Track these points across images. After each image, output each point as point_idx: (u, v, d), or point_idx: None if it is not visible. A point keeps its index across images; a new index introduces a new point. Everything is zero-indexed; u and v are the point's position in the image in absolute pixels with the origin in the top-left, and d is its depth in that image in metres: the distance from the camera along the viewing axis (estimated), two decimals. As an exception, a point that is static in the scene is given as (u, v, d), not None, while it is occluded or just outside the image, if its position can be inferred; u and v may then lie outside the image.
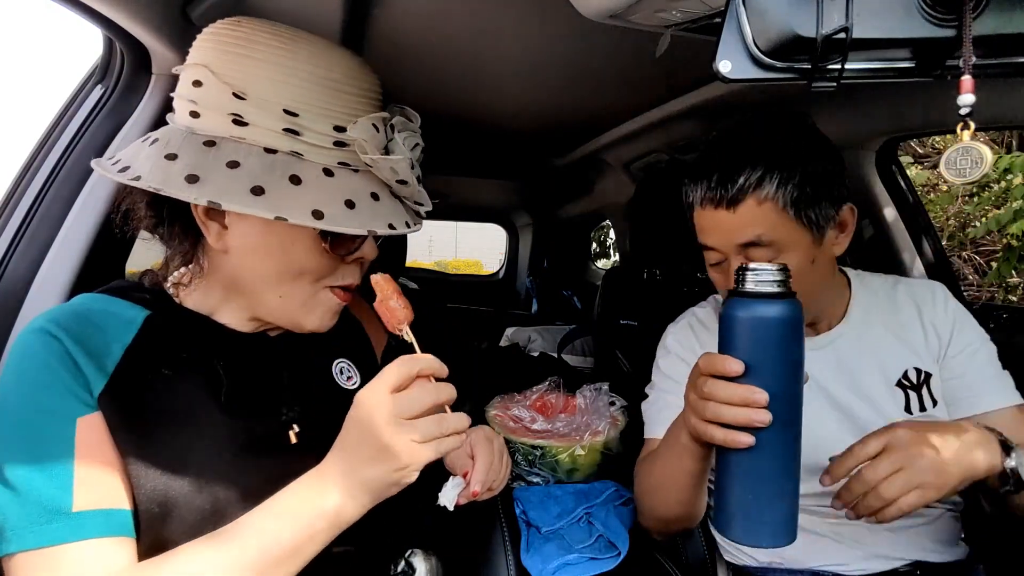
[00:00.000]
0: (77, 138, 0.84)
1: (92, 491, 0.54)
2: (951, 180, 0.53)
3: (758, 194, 0.78)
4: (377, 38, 1.07)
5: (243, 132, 0.57)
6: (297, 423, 0.68)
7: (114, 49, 0.86)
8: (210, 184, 0.55)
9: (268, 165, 0.57)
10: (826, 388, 0.91)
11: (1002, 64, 0.53)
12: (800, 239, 0.81)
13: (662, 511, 0.89)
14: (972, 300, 2.95)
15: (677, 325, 1.05)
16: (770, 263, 0.63)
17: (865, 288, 0.97)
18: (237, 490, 0.61)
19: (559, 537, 0.99)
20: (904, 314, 0.94)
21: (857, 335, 0.94)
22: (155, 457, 0.58)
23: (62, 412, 0.55)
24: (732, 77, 0.54)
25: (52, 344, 0.56)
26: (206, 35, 0.60)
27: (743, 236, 0.80)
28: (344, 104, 0.60)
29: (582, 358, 1.96)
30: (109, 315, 0.61)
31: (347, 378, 0.78)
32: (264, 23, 0.60)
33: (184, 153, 0.57)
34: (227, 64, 0.57)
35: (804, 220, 0.80)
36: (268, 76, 0.57)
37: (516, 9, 0.95)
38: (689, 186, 0.86)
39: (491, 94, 1.41)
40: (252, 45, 0.58)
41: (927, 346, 0.92)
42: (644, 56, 1.05)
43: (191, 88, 0.59)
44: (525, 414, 1.24)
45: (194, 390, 0.62)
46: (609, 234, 4.08)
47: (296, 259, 0.62)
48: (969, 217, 3.63)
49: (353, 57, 0.62)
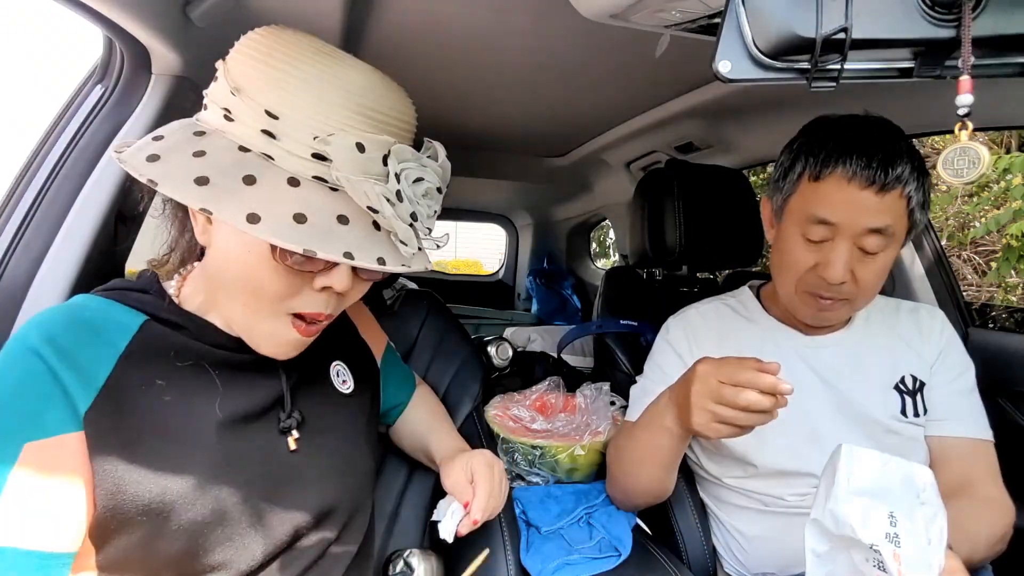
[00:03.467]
0: (77, 138, 0.83)
1: (19, 526, 0.51)
2: (948, 180, 0.53)
3: (904, 188, 0.80)
4: (377, 38, 1.07)
5: (228, 127, 0.57)
6: (296, 429, 0.68)
7: (114, 49, 0.85)
8: (162, 165, 0.53)
9: (233, 162, 0.54)
10: (827, 383, 0.93)
11: (1002, 64, 0.53)
12: (902, 238, 0.85)
13: (634, 487, 0.96)
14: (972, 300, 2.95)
15: (677, 318, 1.07)
16: None
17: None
18: (235, 499, 0.61)
19: (559, 537, 0.99)
20: (904, 326, 0.98)
21: (860, 338, 0.97)
22: (149, 467, 0.57)
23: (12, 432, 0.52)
24: (732, 77, 0.54)
25: (32, 363, 0.54)
26: (248, 35, 0.60)
27: (878, 221, 0.81)
28: (336, 118, 0.55)
29: (582, 358, 1.96)
30: (106, 319, 0.60)
31: (342, 381, 0.77)
32: (299, 36, 0.58)
33: (170, 136, 0.57)
34: (237, 62, 0.57)
35: (912, 223, 0.84)
36: (262, 76, 0.56)
37: (516, 9, 0.95)
38: (830, 156, 0.82)
39: (491, 94, 1.41)
40: (269, 50, 0.57)
41: (922, 357, 0.95)
42: (644, 56, 1.05)
43: (213, 82, 0.59)
44: (525, 414, 1.24)
45: (189, 398, 0.61)
46: (609, 234, 4.08)
47: (252, 270, 0.58)
48: (969, 217, 3.63)
49: (371, 74, 0.58)
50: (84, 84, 0.89)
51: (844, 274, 0.83)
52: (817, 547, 0.65)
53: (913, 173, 0.80)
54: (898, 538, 0.59)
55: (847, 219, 0.82)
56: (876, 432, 0.91)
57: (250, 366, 0.66)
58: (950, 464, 0.90)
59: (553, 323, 2.74)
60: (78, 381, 0.55)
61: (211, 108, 0.58)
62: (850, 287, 0.85)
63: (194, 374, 0.62)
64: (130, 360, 0.58)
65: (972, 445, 0.91)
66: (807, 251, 0.86)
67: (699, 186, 1.34)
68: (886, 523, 0.60)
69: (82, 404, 0.55)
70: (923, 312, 1.00)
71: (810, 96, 1.22)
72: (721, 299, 1.08)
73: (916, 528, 0.60)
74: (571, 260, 3.05)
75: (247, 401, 0.64)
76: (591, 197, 2.47)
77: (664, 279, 1.54)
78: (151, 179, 0.52)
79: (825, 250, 0.84)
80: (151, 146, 0.56)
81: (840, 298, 0.87)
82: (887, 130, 0.84)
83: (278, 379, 0.68)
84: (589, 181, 2.28)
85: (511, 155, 2.10)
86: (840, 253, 0.83)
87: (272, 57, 0.56)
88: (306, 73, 0.55)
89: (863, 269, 0.84)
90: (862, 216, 0.81)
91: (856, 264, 0.84)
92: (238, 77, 0.56)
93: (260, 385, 0.66)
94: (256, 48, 0.57)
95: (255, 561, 0.62)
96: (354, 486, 0.73)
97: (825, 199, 0.83)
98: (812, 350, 0.96)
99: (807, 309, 0.91)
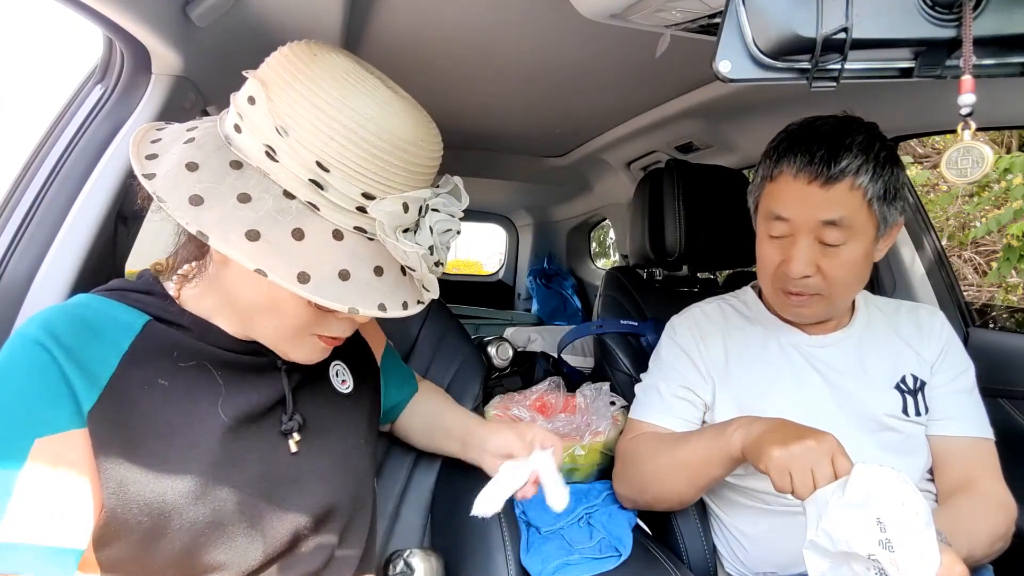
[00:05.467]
0: (77, 138, 0.83)
1: (30, 521, 0.51)
2: (952, 180, 0.53)
3: (854, 180, 0.83)
4: (377, 38, 1.07)
5: (271, 167, 0.55)
6: (298, 431, 0.68)
7: (114, 49, 0.85)
8: (208, 213, 0.52)
9: (280, 209, 0.54)
10: (829, 382, 0.94)
11: (1003, 64, 0.53)
12: (869, 231, 0.86)
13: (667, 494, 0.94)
14: (972, 300, 2.95)
15: (682, 316, 1.08)
16: None
17: (870, 302, 1.03)
18: (235, 500, 0.61)
19: (559, 537, 0.99)
20: (904, 327, 0.99)
21: (862, 338, 0.98)
22: (151, 467, 0.57)
23: (22, 428, 0.52)
24: (732, 77, 0.54)
25: (40, 356, 0.54)
26: (284, 51, 0.57)
27: (828, 214, 0.84)
28: (384, 173, 0.55)
29: (582, 358, 1.96)
30: (108, 319, 0.59)
31: (341, 381, 0.77)
32: (341, 59, 0.56)
33: (206, 167, 0.54)
34: (283, 93, 0.54)
35: (878, 215, 0.86)
36: (313, 123, 0.53)
37: (516, 9, 0.95)
38: (780, 156, 0.88)
39: (491, 94, 1.41)
40: (314, 84, 0.54)
41: (922, 357, 0.96)
42: (644, 56, 1.05)
43: (244, 101, 0.56)
44: (525, 414, 1.24)
45: (191, 398, 0.61)
46: (609, 234, 4.08)
47: (281, 305, 0.60)
48: (969, 217, 3.62)
49: (420, 126, 0.58)
50: (84, 84, 0.89)
51: (805, 268, 0.86)
52: (818, 567, 0.67)
53: (866, 165, 0.83)
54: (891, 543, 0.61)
55: (799, 214, 0.86)
56: (877, 430, 0.91)
57: (252, 368, 0.66)
58: (952, 463, 0.91)
59: (553, 323, 2.74)
60: (82, 379, 0.55)
61: (247, 137, 0.56)
62: (817, 281, 0.88)
63: (197, 374, 0.62)
64: (133, 360, 0.58)
65: (973, 444, 0.92)
66: (773, 248, 0.91)
67: (699, 186, 1.34)
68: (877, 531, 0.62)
69: (86, 402, 0.55)
70: (923, 312, 1.01)
71: (810, 96, 1.22)
72: (723, 299, 1.09)
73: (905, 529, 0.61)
74: (571, 260, 3.05)
75: (249, 402, 0.64)
76: (591, 197, 2.47)
77: (664, 279, 1.54)
78: (201, 231, 0.51)
79: (787, 246, 0.89)
80: (187, 178, 0.53)
81: (810, 293, 0.89)
82: (843, 127, 0.86)
83: (280, 381, 0.68)
84: (589, 181, 2.28)
85: (511, 155, 2.10)
86: (799, 248, 0.86)
87: (318, 96, 0.53)
88: (359, 125, 0.54)
89: (828, 263, 0.86)
90: (812, 210, 0.85)
91: (820, 258, 0.87)
92: (285, 115, 0.54)
93: (262, 386, 0.66)
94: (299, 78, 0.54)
95: (255, 561, 0.62)
96: (354, 485, 0.73)
97: (779, 196, 0.88)
98: (814, 349, 0.97)
99: (783, 305, 0.95)
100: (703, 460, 0.86)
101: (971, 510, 0.85)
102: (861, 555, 0.61)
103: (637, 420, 1.01)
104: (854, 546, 0.61)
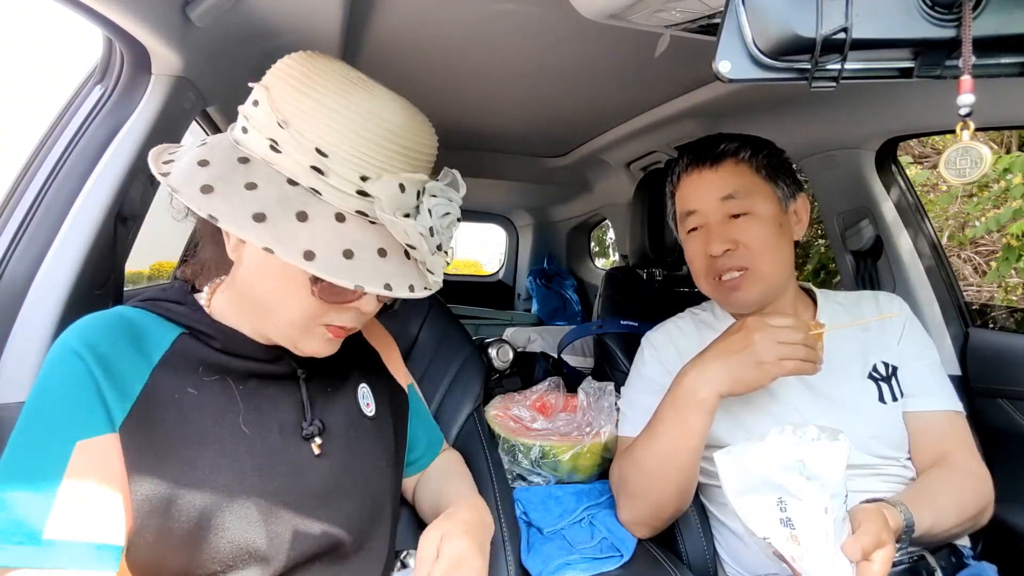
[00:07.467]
0: (76, 138, 0.83)
1: (74, 519, 0.53)
2: (950, 180, 0.53)
3: (736, 157, 0.97)
4: (376, 38, 1.07)
5: (275, 158, 0.58)
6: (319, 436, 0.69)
7: (114, 49, 0.85)
8: (219, 199, 0.55)
9: (284, 195, 0.57)
10: (804, 380, 0.95)
11: (1002, 64, 0.53)
12: (769, 201, 0.96)
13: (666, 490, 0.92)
14: (972, 300, 2.95)
15: (658, 332, 1.12)
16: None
17: (830, 299, 1.06)
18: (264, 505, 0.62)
19: (560, 537, 0.99)
20: (867, 315, 1.02)
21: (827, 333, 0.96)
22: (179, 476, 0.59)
23: (65, 431, 0.55)
24: (732, 77, 0.54)
25: (76, 364, 0.57)
26: (285, 60, 0.62)
27: (724, 190, 0.96)
28: (379, 157, 0.59)
29: (582, 358, 1.96)
30: (142, 331, 0.62)
31: (366, 404, 0.78)
32: (338, 64, 0.62)
33: (216, 163, 0.58)
34: (284, 92, 0.59)
35: (772, 184, 0.97)
36: (311, 112, 0.58)
37: (516, 9, 0.95)
38: (676, 166, 1.03)
39: (491, 94, 1.41)
40: (309, 80, 0.59)
41: (887, 342, 0.99)
42: (644, 56, 1.05)
43: (250, 105, 0.61)
44: (525, 414, 1.24)
45: (217, 408, 0.63)
46: (609, 234, 4.08)
47: (290, 296, 0.62)
48: (969, 217, 3.62)
49: (412, 116, 0.62)
50: (84, 84, 0.89)
51: (723, 242, 0.94)
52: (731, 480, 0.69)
53: (744, 146, 0.97)
54: (791, 521, 0.63)
55: (700, 198, 0.98)
56: (858, 423, 0.91)
57: (273, 378, 0.68)
58: (927, 437, 0.93)
59: (553, 323, 2.74)
60: (114, 391, 0.57)
61: (253, 134, 0.60)
62: (740, 253, 0.94)
63: (219, 389, 0.64)
64: (163, 372, 0.61)
65: (945, 417, 0.94)
66: (695, 242, 1.00)
67: (699, 186, 1.34)
68: (776, 511, 0.63)
69: (118, 413, 0.57)
70: (882, 298, 1.05)
71: (810, 96, 1.22)
72: (693, 312, 1.14)
73: (807, 504, 0.62)
74: (571, 260, 3.05)
75: (269, 415, 0.66)
76: (591, 197, 2.47)
77: (664, 279, 1.54)
78: (211, 215, 0.55)
79: (704, 234, 0.98)
80: (199, 174, 0.57)
81: (736, 267, 0.95)
82: (720, 135, 1.01)
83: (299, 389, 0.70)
84: (589, 181, 2.28)
85: (511, 155, 2.10)
86: (712, 228, 0.97)
87: (316, 90, 0.58)
88: (354, 112, 0.58)
89: (743, 232, 0.94)
90: (711, 191, 0.97)
91: (734, 231, 0.95)
92: (285, 109, 0.58)
93: (282, 398, 0.68)
94: (299, 79, 0.59)
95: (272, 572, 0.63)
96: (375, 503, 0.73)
97: (684, 196, 1.01)
98: None
99: (722, 297, 1.00)
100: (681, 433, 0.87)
101: (940, 482, 0.87)
102: (759, 537, 0.64)
103: (625, 437, 1.02)
104: (755, 530, 0.65)
